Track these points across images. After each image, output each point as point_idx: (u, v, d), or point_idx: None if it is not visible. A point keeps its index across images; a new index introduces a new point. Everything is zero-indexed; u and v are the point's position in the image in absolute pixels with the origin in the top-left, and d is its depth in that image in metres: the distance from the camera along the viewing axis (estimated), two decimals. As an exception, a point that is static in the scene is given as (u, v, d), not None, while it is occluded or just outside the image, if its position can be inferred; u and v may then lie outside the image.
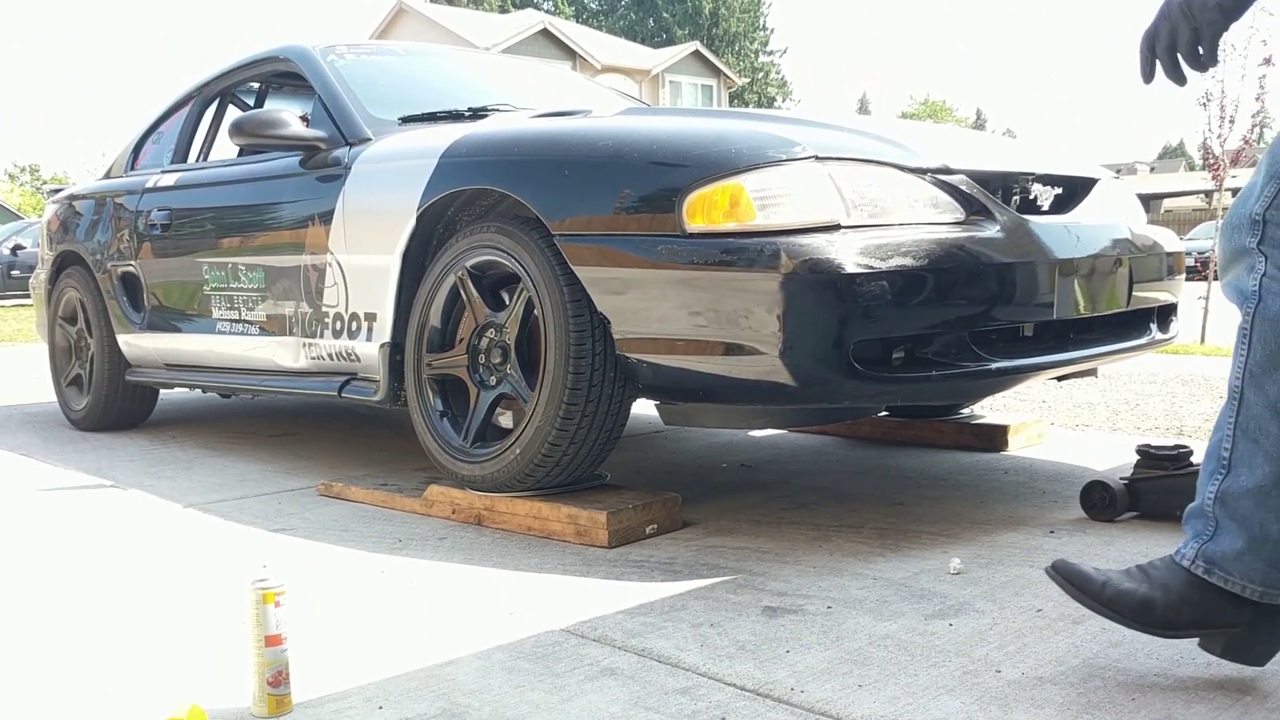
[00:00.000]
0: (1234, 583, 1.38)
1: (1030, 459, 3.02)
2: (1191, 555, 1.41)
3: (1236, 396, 1.38)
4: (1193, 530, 1.43)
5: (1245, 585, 1.37)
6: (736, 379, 2.10)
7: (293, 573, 2.05)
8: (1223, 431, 1.40)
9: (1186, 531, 1.44)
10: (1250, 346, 1.37)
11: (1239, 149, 7.49)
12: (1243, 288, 1.38)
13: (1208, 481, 1.41)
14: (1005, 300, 2.16)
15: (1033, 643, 1.62)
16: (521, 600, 1.89)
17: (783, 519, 2.42)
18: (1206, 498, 1.40)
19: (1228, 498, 1.38)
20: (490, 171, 2.45)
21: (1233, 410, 1.39)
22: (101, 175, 4.48)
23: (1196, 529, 1.42)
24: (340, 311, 2.85)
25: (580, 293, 2.23)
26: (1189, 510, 1.44)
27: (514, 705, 1.45)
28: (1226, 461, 1.39)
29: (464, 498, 2.47)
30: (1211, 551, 1.39)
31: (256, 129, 2.97)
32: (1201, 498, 1.41)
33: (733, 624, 1.73)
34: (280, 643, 1.43)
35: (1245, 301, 1.38)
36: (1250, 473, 1.36)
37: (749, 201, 2.05)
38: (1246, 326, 1.37)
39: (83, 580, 2.11)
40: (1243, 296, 1.38)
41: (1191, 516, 1.43)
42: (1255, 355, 1.36)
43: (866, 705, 1.41)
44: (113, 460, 3.42)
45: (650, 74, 32.80)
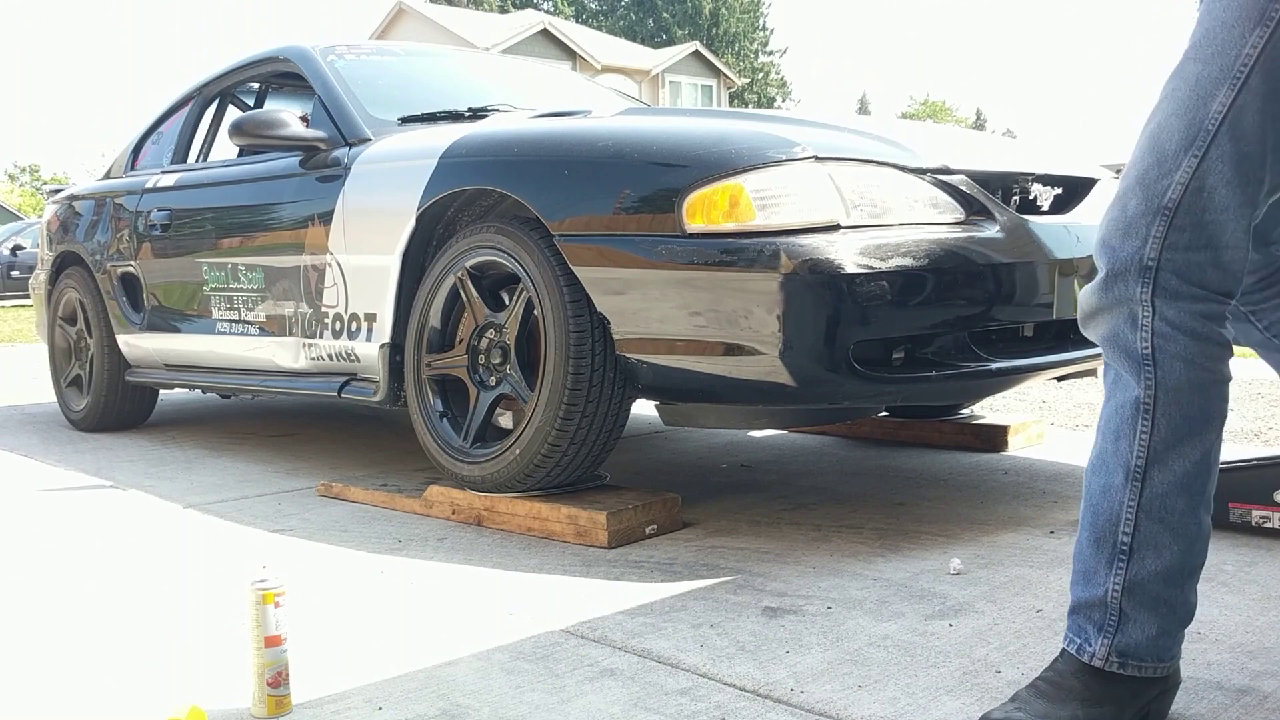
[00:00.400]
0: (1147, 668, 1.26)
1: (1030, 459, 3.02)
2: (1103, 654, 1.26)
3: (1138, 478, 1.22)
4: (1092, 624, 1.27)
5: (1157, 665, 1.27)
6: (736, 379, 2.10)
7: (293, 573, 2.05)
8: (1117, 516, 1.24)
9: (1082, 625, 1.28)
10: (1154, 422, 1.21)
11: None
12: (1129, 347, 1.22)
13: (1106, 572, 1.25)
14: (1005, 300, 2.16)
15: (1033, 643, 1.62)
16: (521, 601, 1.89)
17: (782, 519, 2.42)
18: (1111, 590, 1.24)
19: (1135, 586, 1.24)
20: (490, 172, 2.45)
21: (1133, 493, 1.23)
22: (101, 176, 4.48)
23: (1096, 622, 1.26)
24: (340, 312, 2.85)
25: (580, 293, 2.23)
26: (1079, 602, 1.28)
27: (514, 706, 1.45)
28: (1127, 547, 1.24)
29: (464, 498, 2.47)
30: (1124, 644, 1.25)
31: (256, 129, 2.97)
32: (1104, 589, 1.25)
33: (732, 624, 1.73)
34: (280, 643, 1.43)
35: (1139, 368, 1.22)
36: (1158, 555, 1.23)
37: (749, 202, 2.05)
38: (1148, 401, 1.21)
39: (82, 581, 2.11)
40: (1131, 359, 1.22)
41: (1085, 608, 1.27)
42: (1160, 432, 1.21)
43: (866, 706, 1.41)
44: (112, 461, 3.42)
45: (650, 74, 32.80)
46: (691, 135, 2.23)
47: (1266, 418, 3.79)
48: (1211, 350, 1.22)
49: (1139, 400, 1.22)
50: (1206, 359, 1.22)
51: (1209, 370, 1.22)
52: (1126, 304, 1.22)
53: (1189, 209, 1.18)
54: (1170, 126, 1.18)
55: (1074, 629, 1.29)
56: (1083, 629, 1.28)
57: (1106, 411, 1.26)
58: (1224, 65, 1.15)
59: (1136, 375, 1.22)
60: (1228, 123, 1.15)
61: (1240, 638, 1.61)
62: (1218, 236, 1.19)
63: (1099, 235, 1.25)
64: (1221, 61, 1.15)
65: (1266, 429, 3.56)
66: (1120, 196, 1.23)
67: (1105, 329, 1.25)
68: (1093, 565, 1.27)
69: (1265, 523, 2.13)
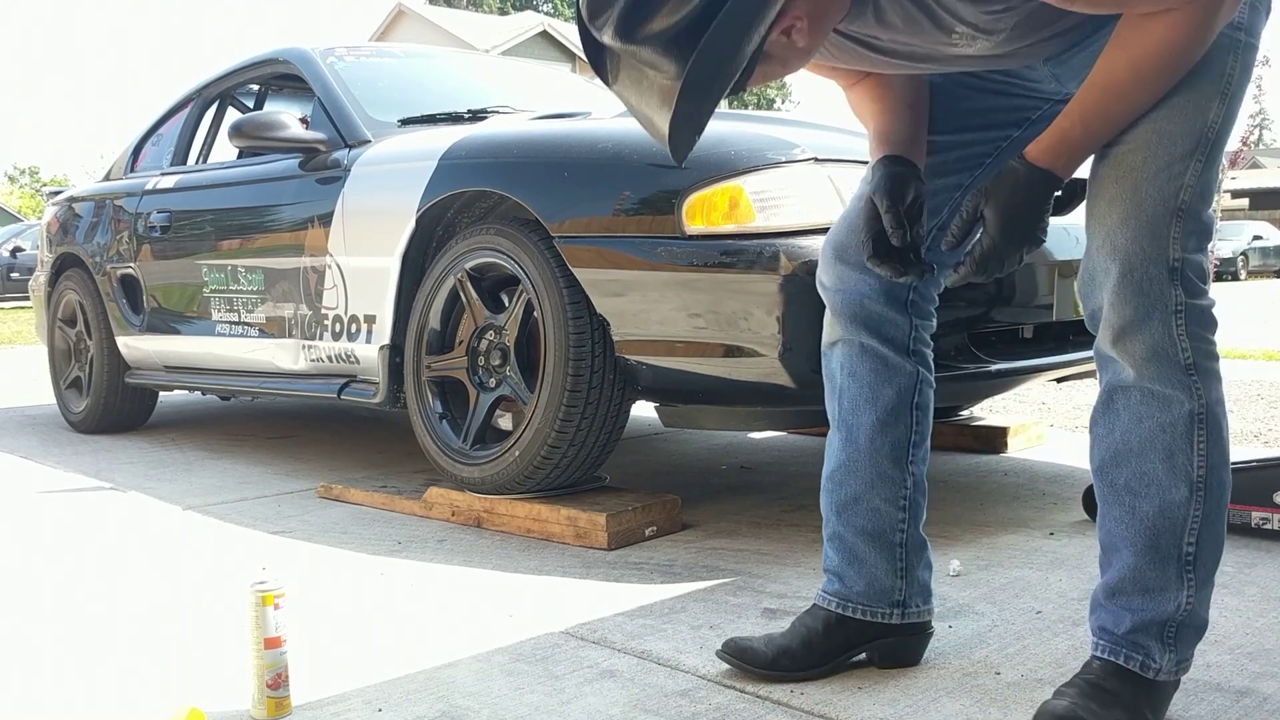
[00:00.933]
0: (1187, 664, 1.31)
1: (1030, 461, 3.02)
2: (1170, 667, 1.27)
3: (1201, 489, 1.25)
4: (1156, 640, 1.27)
5: (1190, 661, 1.31)
6: (736, 381, 2.10)
7: (292, 575, 2.05)
8: (1181, 530, 1.25)
9: (1141, 642, 1.27)
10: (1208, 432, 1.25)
11: (1238, 150, 7.51)
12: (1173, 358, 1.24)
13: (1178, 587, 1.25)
14: (1005, 302, 2.16)
15: (1032, 645, 1.62)
16: (521, 602, 1.89)
17: (782, 521, 2.42)
18: (1184, 604, 1.26)
19: (1201, 595, 1.27)
20: (490, 173, 2.45)
21: (1198, 505, 1.25)
22: (101, 177, 4.48)
23: (1158, 636, 1.27)
24: (340, 313, 2.85)
25: (580, 294, 2.23)
26: (1143, 623, 1.27)
27: (513, 707, 1.44)
28: (1192, 559, 1.25)
29: (463, 500, 2.47)
30: (1185, 653, 1.28)
31: (256, 131, 2.97)
32: (1175, 604, 1.26)
33: (732, 626, 1.73)
34: (280, 645, 1.43)
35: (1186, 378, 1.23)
36: (1208, 561, 1.26)
37: (748, 203, 2.05)
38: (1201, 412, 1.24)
39: (82, 582, 2.11)
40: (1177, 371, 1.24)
41: (1149, 627, 1.27)
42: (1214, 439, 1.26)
43: (866, 708, 1.41)
44: (112, 462, 3.41)
45: (650, 76, 32.74)
46: (691, 137, 2.23)
47: (1266, 419, 3.79)
48: (1216, 340, 1.26)
49: (1193, 414, 1.23)
50: (1215, 352, 1.26)
51: (1216, 360, 1.26)
52: (1163, 311, 1.21)
53: (1195, 212, 1.22)
54: (1171, 131, 1.22)
55: (1129, 647, 1.27)
56: (1143, 646, 1.27)
57: (1144, 433, 1.24)
58: (1212, 81, 1.22)
59: (1185, 388, 1.23)
60: (1219, 133, 1.23)
61: (1240, 639, 1.61)
62: (1208, 236, 1.25)
63: (1105, 240, 1.23)
64: (1210, 77, 1.22)
65: (1266, 430, 3.56)
66: (1124, 193, 1.22)
67: (1146, 345, 1.22)
68: (1158, 584, 1.26)
69: (1265, 524, 2.13)
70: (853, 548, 1.51)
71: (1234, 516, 2.15)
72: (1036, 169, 1.25)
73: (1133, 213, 1.22)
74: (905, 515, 1.50)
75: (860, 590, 1.51)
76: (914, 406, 1.49)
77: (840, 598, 1.52)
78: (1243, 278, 22.15)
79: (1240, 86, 1.24)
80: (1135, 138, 1.23)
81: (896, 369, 1.48)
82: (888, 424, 1.48)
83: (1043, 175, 1.25)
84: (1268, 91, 10.66)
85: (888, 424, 1.48)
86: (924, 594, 1.53)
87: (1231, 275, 21.58)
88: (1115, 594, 1.28)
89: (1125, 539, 1.27)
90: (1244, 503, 2.14)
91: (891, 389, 1.48)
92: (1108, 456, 1.28)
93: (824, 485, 1.53)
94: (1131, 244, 1.21)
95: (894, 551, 1.50)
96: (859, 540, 1.50)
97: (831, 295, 1.49)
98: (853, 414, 1.49)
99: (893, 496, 1.50)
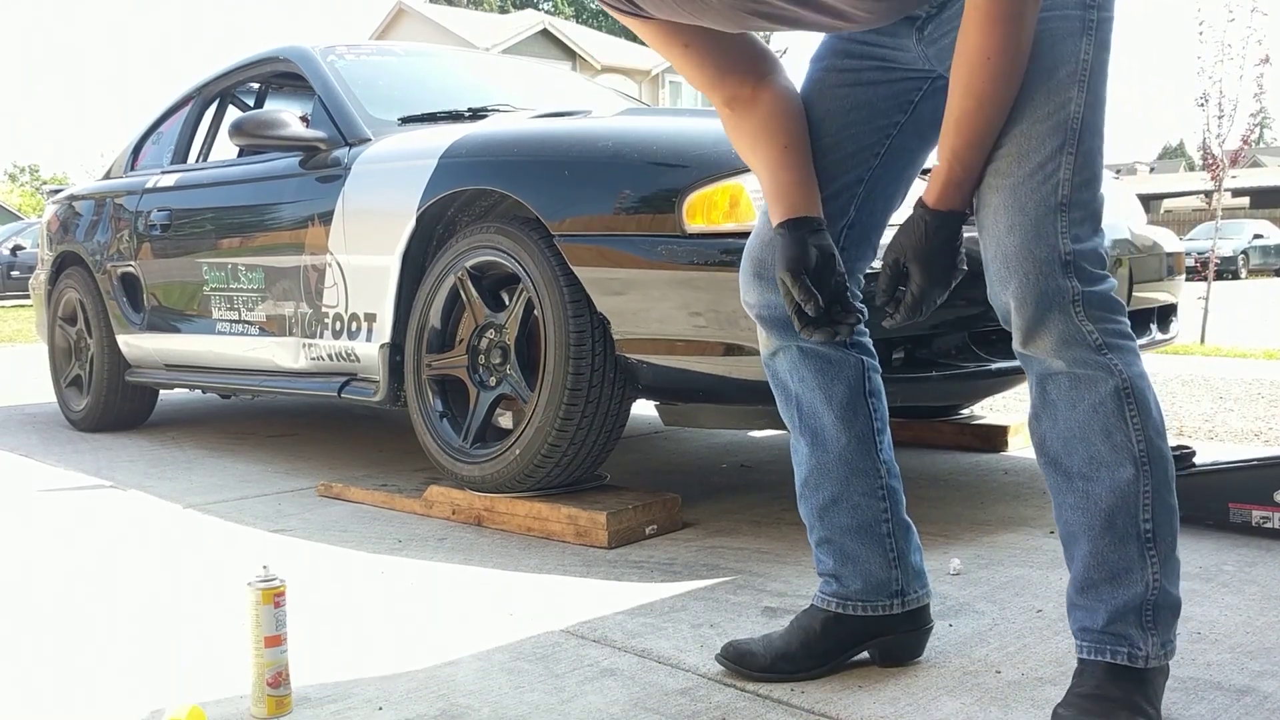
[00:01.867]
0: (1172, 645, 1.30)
1: (1030, 459, 3.02)
2: (1156, 652, 1.27)
3: (1145, 462, 1.26)
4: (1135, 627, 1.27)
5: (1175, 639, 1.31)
6: (736, 379, 2.10)
7: (292, 573, 2.05)
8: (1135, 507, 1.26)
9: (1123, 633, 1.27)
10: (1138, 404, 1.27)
11: (1238, 149, 7.50)
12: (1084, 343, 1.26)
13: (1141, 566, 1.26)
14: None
15: (1033, 643, 1.62)
16: (521, 601, 1.89)
17: (783, 519, 2.42)
18: (1151, 582, 1.26)
19: (1167, 568, 1.27)
20: (490, 172, 2.45)
21: (1146, 478, 1.26)
22: (101, 176, 4.48)
23: (1137, 623, 1.27)
24: (340, 312, 2.85)
25: (580, 293, 2.23)
26: (1117, 610, 1.27)
27: (514, 706, 1.45)
28: (1150, 534, 1.26)
29: (464, 498, 2.47)
30: (1166, 633, 1.28)
31: (256, 129, 2.97)
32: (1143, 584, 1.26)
33: (733, 625, 1.73)
34: (280, 643, 1.43)
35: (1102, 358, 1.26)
36: (1170, 528, 1.27)
37: (749, 202, 2.05)
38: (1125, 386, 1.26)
39: (82, 580, 2.11)
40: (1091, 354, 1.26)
41: (1124, 614, 1.27)
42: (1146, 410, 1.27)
43: (866, 706, 1.41)
44: (112, 461, 3.42)
45: (650, 74, 32.78)
46: (691, 135, 2.23)
47: (1266, 418, 3.79)
48: (1124, 319, 1.28)
49: (1118, 389, 1.26)
50: (1126, 329, 1.28)
51: (1131, 339, 1.29)
52: (1063, 303, 1.25)
53: (1080, 202, 1.25)
54: (1036, 131, 1.25)
55: (1113, 640, 1.27)
56: (1125, 636, 1.26)
57: (1081, 416, 1.27)
58: (1069, 71, 1.24)
59: (1103, 367, 1.26)
60: (1084, 121, 1.25)
61: (1240, 638, 1.61)
62: (1100, 220, 1.28)
63: (996, 250, 1.27)
64: (1067, 68, 1.24)
65: (1266, 429, 3.56)
66: (1005, 205, 1.26)
67: (1054, 338, 1.26)
68: (1123, 566, 1.26)
69: (1265, 523, 2.13)
70: (843, 548, 1.51)
71: (1235, 515, 2.15)
72: (938, 213, 1.30)
73: (1017, 220, 1.25)
74: (886, 504, 1.51)
75: (858, 588, 1.51)
76: (867, 395, 1.50)
77: (839, 598, 1.52)
78: (1243, 276, 22.15)
79: (1100, 64, 1.26)
80: (1006, 147, 1.26)
81: (840, 363, 1.48)
82: (847, 419, 1.48)
83: (945, 217, 1.30)
84: (1268, 91, 10.64)
85: (847, 419, 1.48)
86: (919, 577, 1.53)
87: (1232, 274, 21.58)
88: (1085, 588, 1.30)
89: (1082, 525, 1.28)
90: (1244, 502, 2.15)
91: (841, 384, 1.48)
92: (1059, 446, 1.29)
93: (800, 494, 1.54)
94: (1020, 250, 1.25)
95: (884, 543, 1.50)
96: (847, 539, 1.50)
97: (758, 312, 1.50)
98: (812, 417, 1.50)
99: (870, 489, 1.50)
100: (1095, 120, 1.26)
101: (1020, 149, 1.25)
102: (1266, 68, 7.17)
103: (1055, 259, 1.24)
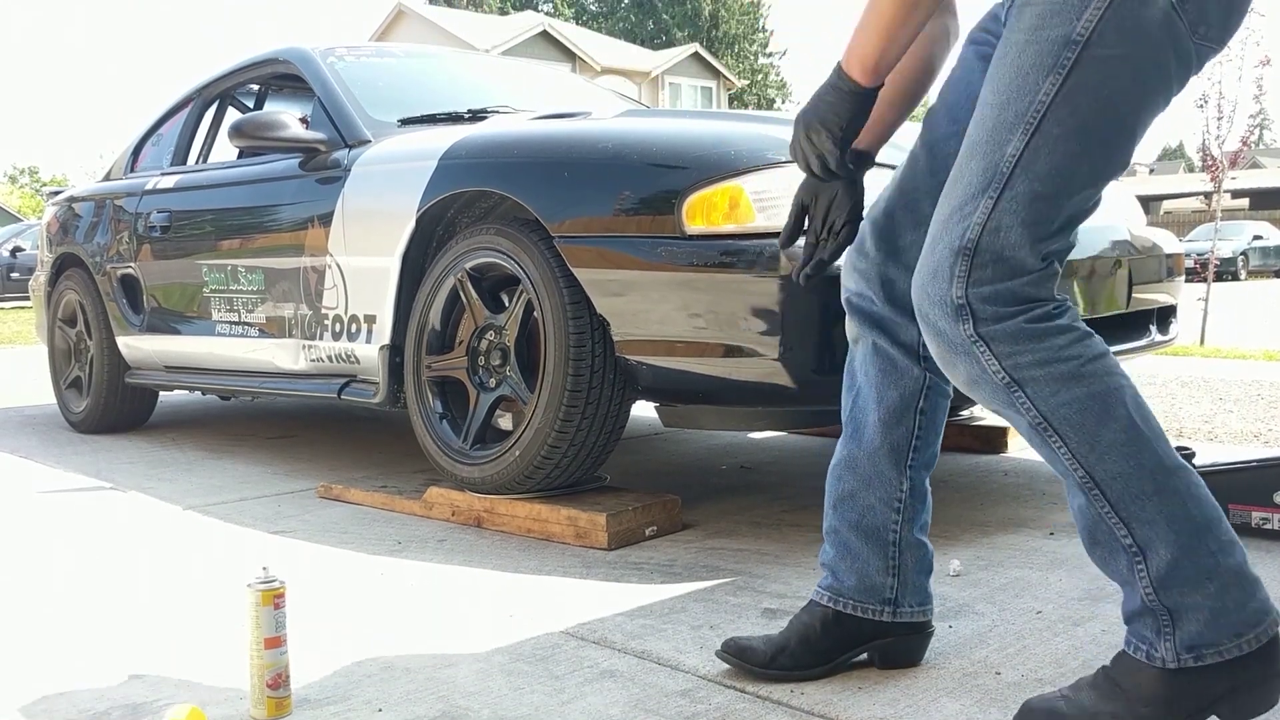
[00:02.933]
0: (1229, 648, 1.19)
1: (1030, 461, 3.02)
2: (1172, 656, 1.20)
3: (1091, 484, 1.21)
4: (1150, 629, 1.22)
5: (1240, 641, 1.19)
6: (736, 381, 2.10)
7: (292, 575, 2.05)
8: (1109, 525, 1.22)
9: (1140, 631, 1.23)
10: (1060, 435, 1.22)
11: (1237, 150, 7.50)
12: (991, 383, 1.23)
13: (1134, 579, 1.22)
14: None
15: (1032, 645, 1.62)
16: (521, 602, 1.89)
17: (783, 521, 2.42)
18: (1145, 595, 1.21)
19: (1165, 579, 1.20)
20: (490, 173, 2.45)
21: (1099, 501, 1.21)
22: (101, 177, 4.48)
23: (1153, 626, 1.22)
24: (340, 313, 2.85)
25: (580, 294, 2.23)
26: (1131, 612, 1.24)
27: (514, 707, 1.44)
28: (1135, 548, 1.21)
29: (463, 500, 2.47)
30: (1189, 638, 1.20)
31: (256, 131, 2.97)
32: (1139, 596, 1.22)
33: (732, 626, 1.73)
34: (280, 645, 1.43)
35: (1010, 397, 1.23)
36: (1164, 542, 1.20)
37: (748, 203, 2.05)
38: (1039, 421, 1.22)
39: (82, 582, 2.11)
40: (999, 393, 1.24)
41: (1136, 617, 1.24)
42: (1071, 439, 1.21)
43: (866, 708, 1.41)
44: (112, 462, 3.42)
45: (650, 76, 32.81)
46: (691, 137, 2.23)
47: (1266, 419, 3.79)
48: (1059, 342, 1.22)
49: (1032, 424, 1.23)
50: (1059, 353, 1.22)
51: (1068, 360, 1.22)
52: (961, 345, 1.24)
53: (988, 247, 1.22)
54: (970, 169, 1.23)
55: (1135, 635, 1.25)
56: (1143, 635, 1.24)
57: (1030, 442, 1.27)
58: (1019, 111, 1.20)
59: (1011, 405, 1.24)
60: (1021, 165, 1.20)
61: (1240, 639, 1.61)
62: (1020, 267, 1.22)
63: (914, 280, 1.29)
64: (1017, 107, 1.20)
65: (1266, 430, 3.56)
66: (929, 240, 1.27)
67: (960, 378, 1.27)
68: (1125, 577, 1.23)
69: (1265, 524, 2.13)
70: (846, 541, 1.51)
71: (1235, 516, 2.15)
72: (842, 74, 1.36)
73: (926, 260, 1.26)
74: (899, 517, 1.50)
75: (852, 585, 1.51)
76: (918, 411, 1.49)
77: (833, 592, 1.52)
78: (1243, 277, 22.16)
79: (1072, 104, 1.18)
80: (949, 180, 1.27)
81: (904, 372, 1.48)
82: (889, 425, 1.48)
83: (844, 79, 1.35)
84: (1267, 92, 10.64)
85: (889, 425, 1.48)
86: (919, 595, 1.53)
87: (1231, 275, 21.59)
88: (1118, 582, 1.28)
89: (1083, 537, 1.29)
90: (1244, 502, 2.15)
91: (896, 391, 1.48)
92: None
93: (827, 478, 1.55)
94: (919, 289, 1.27)
95: (886, 550, 1.50)
96: (852, 535, 1.50)
97: (846, 297, 1.53)
98: (861, 411, 1.50)
99: (887, 497, 1.50)
100: (1046, 163, 1.20)
101: (949, 190, 1.26)
102: (1266, 69, 7.18)
103: (948, 301, 1.23)
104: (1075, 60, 1.18)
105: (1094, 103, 1.19)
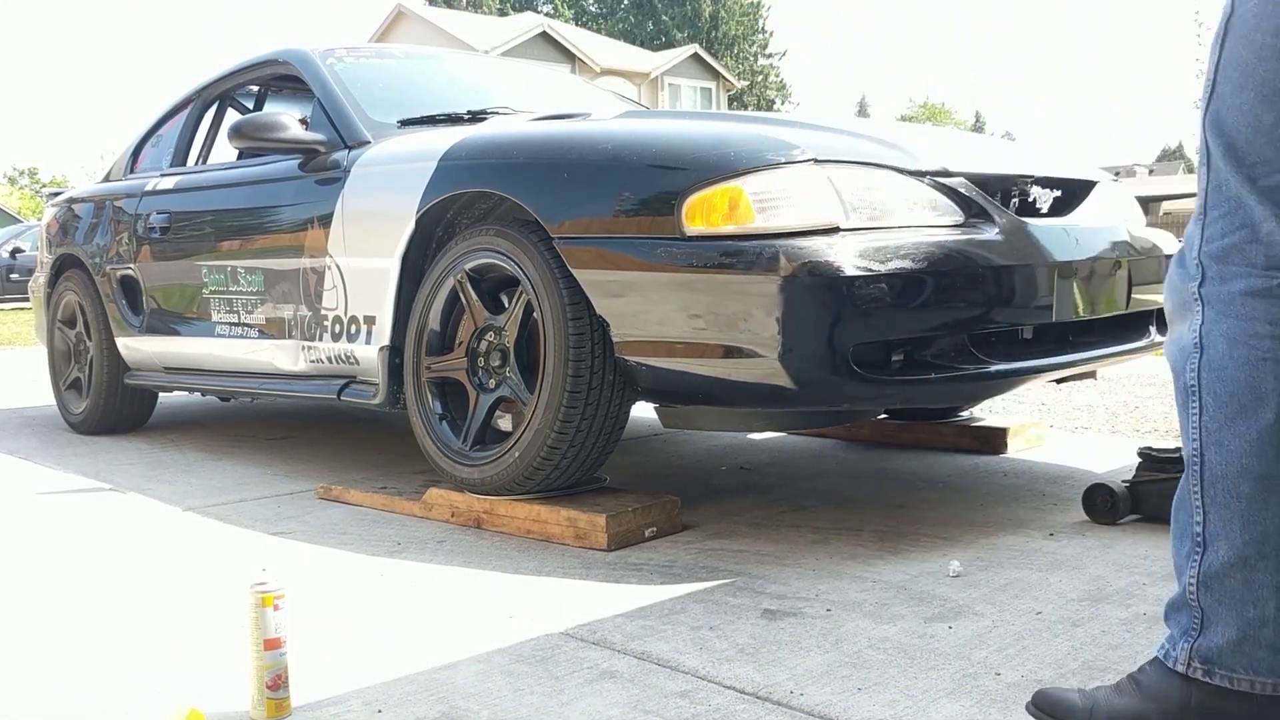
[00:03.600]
0: (1240, 679, 1.18)
1: (1029, 461, 3.02)
2: (1184, 658, 1.21)
3: (1196, 462, 1.21)
4: (1178, 627, 1.23)
5: (1254, 680, 1.18)
6: (736, 382, 2.10)
7: (292, 576, 2.05)
8: (1189, 506, 1.22)
9: (1171, 629, 1.24)
10: (1201, 403, 1.22)
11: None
12: (1184, 344, 1.25)
13: (1185, 566, 1.22)
14: (1004, 303, 2.16)
15: (1032, 645, 1.62)
16: (521, 603, 1.89)
17: (782, 522, 2.42)
18: (1188, 586, 1.21)
19: (1211, 579, 1.19)
20: (489, 174, 2.45)
21: (1195, 479, 1.21)
22: (100, 178, 4.47)
23: (1183, 625, 1.22)
24: (339, 314, 2.85)
25: (579, 295, 2.23)
26: (1169, 604, 1.25)
27: (513, 708, 1.45)
28: (1201, 538, 1.20)
29: (463, 501, 2.47)
30: (1206, 648, 1.20)
31: (256, 132, 2.97)
32: (1182, 587, 1.22)
33: (732, 627, 1.73)
34: (279, 646, 1.43)
35: (1188, 357, 1.24)
36: (1229, 545, 1.18)
37: (748, 204, 2.05)
38: (1194, 383, 1.23)
39: (81, 583, 2.11)
40: (1184, 354, 1.25)
41: (1173, 611, 1.24)
42: (1209, 411, 1.21)
43: (866, 708, 1.41)
44: (111, 463, 3.42)
45: (649, 77, 32.82)
46: (691, 138, 2.24)
47: (1266, 420, 3.78)
48: (1257, 328, 1.20)
49: (1187, 386, 1.24)
50: (1251, 336, 1.20)
51: (1252, 347, 1.20)
52: (1187, 308, 1.25)
53: (1215, 202, 1.24)
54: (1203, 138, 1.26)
55: (1168, 635, 1.25)
56: (1172, 634, 1.24)
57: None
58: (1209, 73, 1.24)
59: (1185, 364, 1.25)
60: (1208, 124, 1.24)
61: (1240, 640, 1.61)
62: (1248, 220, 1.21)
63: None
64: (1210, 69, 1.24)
65: (1266, 431, 3.56)
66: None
67: (1174, 333, 1.28)
68: (1179, 564, 1.23)
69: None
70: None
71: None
72: None
73: None
74: None
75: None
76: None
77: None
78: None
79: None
80: None
81: None
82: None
83: None
84: (1267, 92, 10.59)
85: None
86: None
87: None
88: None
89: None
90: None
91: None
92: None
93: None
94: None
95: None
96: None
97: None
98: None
99: None
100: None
101: None
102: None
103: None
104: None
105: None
